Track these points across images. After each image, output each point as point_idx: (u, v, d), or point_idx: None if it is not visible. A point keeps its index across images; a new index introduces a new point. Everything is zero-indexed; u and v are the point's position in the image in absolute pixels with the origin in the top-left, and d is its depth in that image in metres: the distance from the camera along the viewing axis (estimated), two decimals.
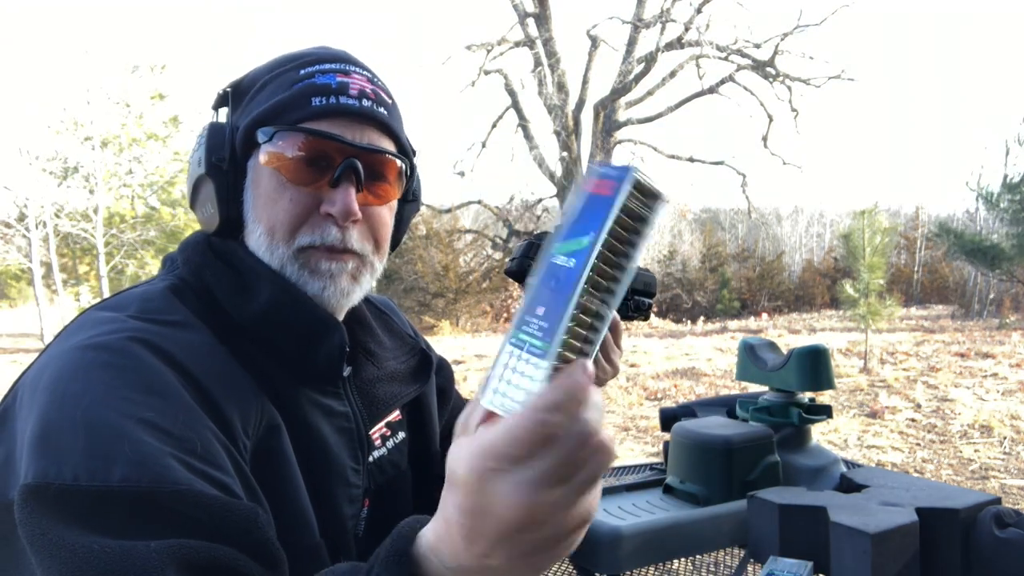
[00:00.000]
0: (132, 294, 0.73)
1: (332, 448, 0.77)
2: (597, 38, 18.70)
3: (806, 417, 1.22)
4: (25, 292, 27.00)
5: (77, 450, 0.57)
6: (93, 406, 0.59)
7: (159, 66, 16.55)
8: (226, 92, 0.80)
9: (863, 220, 8.28)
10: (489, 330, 16.25)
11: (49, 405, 0.60)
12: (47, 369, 0.64)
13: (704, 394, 7.52)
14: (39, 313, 15.35)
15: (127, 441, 0.58)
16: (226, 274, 0.74)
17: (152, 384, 0.62)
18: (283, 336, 0.74)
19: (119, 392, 0.60)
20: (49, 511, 0.55)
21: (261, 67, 0.80)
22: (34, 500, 0.55)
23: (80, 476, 0.56)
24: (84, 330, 0.67)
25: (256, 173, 0.76)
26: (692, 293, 21.07)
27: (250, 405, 0.68)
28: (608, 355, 0.82)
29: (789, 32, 17.89)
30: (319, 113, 0.73)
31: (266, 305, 0.73)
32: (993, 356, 9.13)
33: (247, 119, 0.76)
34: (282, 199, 0.74)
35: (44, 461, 0.57)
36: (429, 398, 0.96)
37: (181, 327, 0.69)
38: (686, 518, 1.07)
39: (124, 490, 0.56)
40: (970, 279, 18.71)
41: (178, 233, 17.01)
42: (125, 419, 0.59)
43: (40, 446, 0.58)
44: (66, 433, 0.58)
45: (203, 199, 0.77)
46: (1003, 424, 5.90)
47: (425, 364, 0.94)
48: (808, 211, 41.34)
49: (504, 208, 19.60)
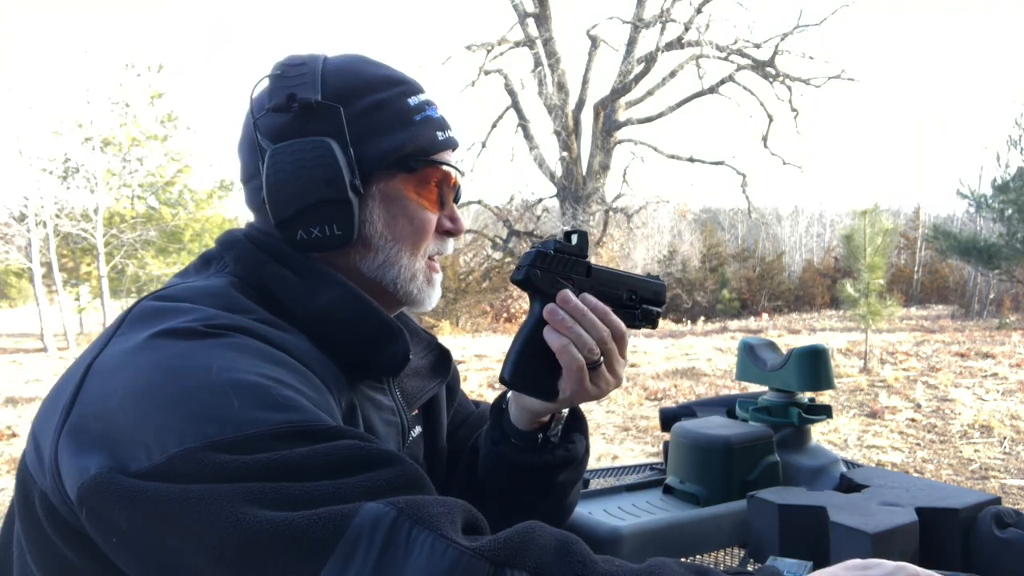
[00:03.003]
0: (191, 288, 0.74)
1: (385, 440, 0.81)
2: (597, 38, 18.71)
3: (806, 417, 1.22)
4: (25, 292, 27.01)
5: (229, 408, 0.58)
6: (225, 371, 0.60)
7: (156, 66, 16.54)
8: (315, 102, 0.77)
9: (863, 220, 8.28)
10: (489, 330, 16.25)
11: (173, 380, 0.60)
12: (139, 356, 0.63)
13: (704, 394, 7.52)
14: (39, 313, 15.34)
15: (270, 392, 0.60)
16: (287, 274, 0.77)
17: (269, 355, 0.65)
18: (346, 334, 0.76)
19: (243, 360, 0.62)
20: (225, 462, 0.55)
21: (341, 82, 0.79)
22: (206, 456, 0.55)
23: (242, 427, 0.57)
24: (156, 319, 0.66)
25: (389, 196, 0.81)
26: (692, 293, 21.08)
27: (340, 384, 0.74)
28: (612, 366, 0.82)
29: (789, 32, 17.91)
30: (444, 146, 0.84)
31: (330, 305, 0.76)
32: (993, 356, 9.12)
33: (373, 146, 0.79)
34: (422, 221, 0.83)
35: (199, 424, 0.57)
36: (441, 395, 0.99)
37: (264, 322, 0.71)
38: (686, 518, 1.07)
39: (289, 430, 0.58)
40: (970, 279, 18.71)
41: (178, 233, 17.01)
42: (261, 378, 0.61)
43: (184, 415, 0.57)
44: (209, 398, 0.58)
45: (326, 218, 0.77)
46: (1003, 424, 5.90)
47: (444, 359, 0.96)
48: (808, 211, 41.37)
49: (504, 208, 19.60)
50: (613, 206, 19.09)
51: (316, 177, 0.76)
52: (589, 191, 18.45)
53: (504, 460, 0.89)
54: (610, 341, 0.80)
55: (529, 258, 0.79)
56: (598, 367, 0.81)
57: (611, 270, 0.85)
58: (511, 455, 0.88)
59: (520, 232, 18.94)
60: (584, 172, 18.70)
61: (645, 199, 20.61)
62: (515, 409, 0.89)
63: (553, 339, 0.79)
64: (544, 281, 0.79)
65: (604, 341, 0.80)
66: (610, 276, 0.85)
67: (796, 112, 18.60)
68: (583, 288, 0.81)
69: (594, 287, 0.82)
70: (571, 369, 0.79)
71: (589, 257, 0.83)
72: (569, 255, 0.81)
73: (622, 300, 0.85)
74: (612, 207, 19.05)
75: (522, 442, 0.88)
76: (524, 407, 0.87)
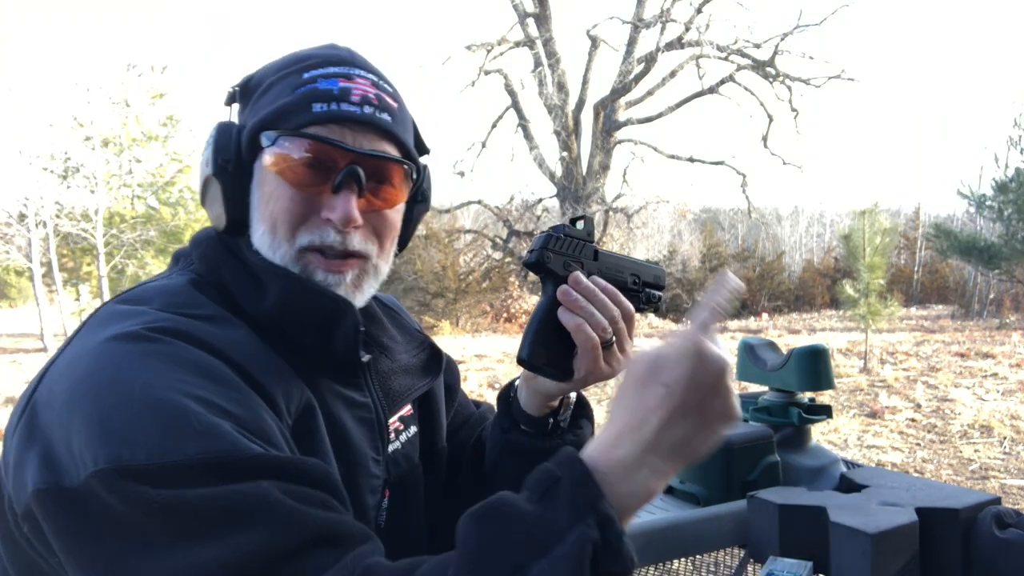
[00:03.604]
0: (152, 288, 0.74)
1: (354, 438, 0.79)
2: (597, 38, 18.70)
3: (806, 417, 1.22)
4: (25, 292, 27.01)
5: (145, 431, 0.57)
6: (149, 388, 0.60)
7: (160, 67, 16.54)
8: (235, 90, 0.81)
9: (863, 220, 8.27)
10: (489, 330, 16.23)
11: (99, 393, 0.60)
12: (81, 361, 0.64)
13: None
14: (39, 313, 15.34)
15: (192, 416, 0.59)
16: (240, 271, 0.76)
17: (199, 366, 0.64)
18: (299, 327, 0.75)
19: (171, 374, 0.61)
20: (132, 489, 0.56)
21: (269, 66, 0.81)
22: (116, 481, 0.56)
23: (154, 455, 0.57)
24: (112, 323, 0.67)
25: (261, 175, 0.76)
26: (692, 293, 21.06)
27: (290, 385, 0.71)
28: (623, 346, 0.83)
29: (789, 32, 17.91)
30: (321, 119, 0.74)
31: (279, 299, 0.74)
32: (993, 356, 9.12)
33: (253, 121, 0.77)
34: (283, 200, 0.75)
35: (112, 446, 0.57)
36: (438, 394, 0.98)
37: (211, 320, 0.70)
38: (686, 518, 1.07)
39: (202, 462, 0.57)
40: (970, 279, 18.70)
41: (178, 233, 16.98)
42: (184, 398, 0.60)
43: (102, 433, 0.58)
44: (128, 417, 0.58)
45: (211, 198, 0.78)
46: (1003, 424, 5.89)
47: (435, 358, 0.95)
48: (808, 211, 41.34)
49: (504, 208, 19.59)
50: (613, 206, 19.08)
51: (203, 158, 0.78)
52: (589, 191, 18.45)
53: (515, 448, 0.89)
54: (621, 321, 0.82)
55: (541, 241, 0.81)
56: (610, 346, 0.81)
57: (616, 255, 0.88)
58: (522, 441, 0.89)
59: (520, 232, 18.93)
60: (584, 172, 18.69)
61: (645, 199, 20.60)
62: (526, 394, 0.89)
63: (568, 319, 0.79)
64: (556, 263, 0.81)
65: (616, 320, 0.81)
66: (615, 260, 0.87)
67: (796, 112, 18.60)
68: (591, 271, 0.83)
69: (601, 271, 0.85)
70: (586, 348, 0.80)
71: (595, 242, 0.85)
72: (577, 239, 0.83)
73: (627, 284, 0.87)
74: (612, 207, 19.04)
75: (533, 428, 0.89)
76: (537, 390, 0.87)
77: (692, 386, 0.60)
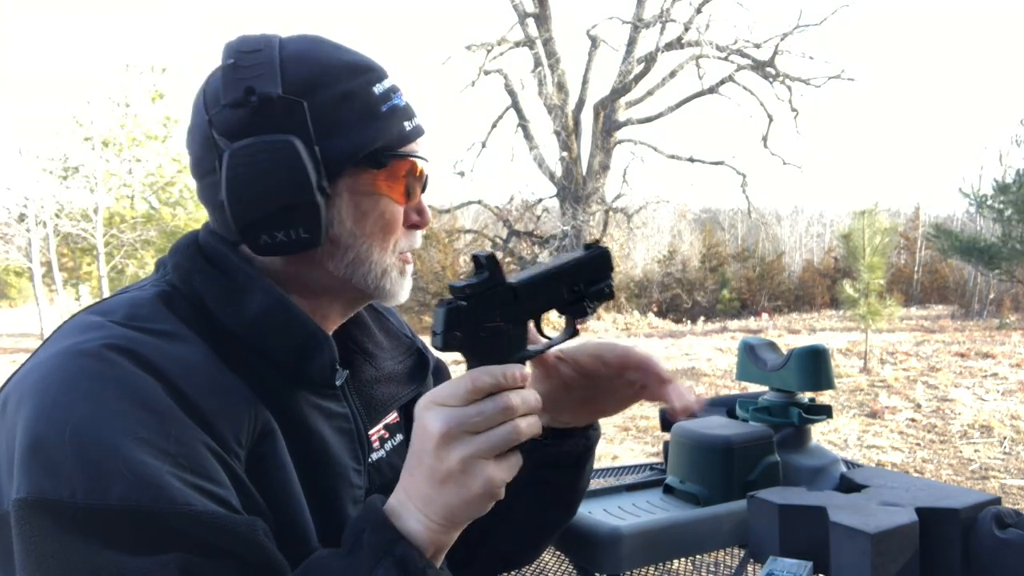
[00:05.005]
0: (122, 299, 0.73)
1: (333, 449, 0.77)
2: (597, 38, 18.70)
3: (806, 417, 1.22)
4: (25, 292, 27.01)
5: (72, 467, 0.57)
6: (84, 421, 0.59)
7: (159, 67, 16.55)
8: (271, 98, 0.71)
9: (863, 220, 8.28)
10: None
11: (38, 416, 0.59)
12: (33, 374, 0.64)
13: (704, 394, 7.52)
14: (39, 313, 15.35)
15: (122, 459, 0.58)
16: (217, 280, 0.74)
17: (141, 397, 0.62)
18: (275, 344, 0.73)
19: (109, 406, 0.60)
20: (47, 525, 0.56)
21: (304, 71, 0.73)
22: (31, 514, 0.56)
23: (77, 493, 0.56)
24: (72, 335, 0.66)
25: (358, 194, 0.76)
26: (692, 293, 21.06)
27: (242, 413, 0.68)
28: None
29: (789, 32, 17.90)
30: (413, 136, 0.80)
31: (257, 313, 0.72)
32: (993, 356, 9.13)
33: (340, 143, 0.73)
34: (389, 214, 0.79)
35: (37, 476, 0.57)
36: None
37: (168, 337, 0.68)
38: (686, 518, 1.07)
39: (123, 508, 0.56)
40: (970, 279, 18.70)
41: (178, 233, 16.99)
42: (118, 435, 0.59)
43: (32, 460, 0.58)
44: (58, 448, 0.58)
45: (291, 222, 0.72)
46: (1003, 424, 5.90)
47: (422, 364, 0.94)
48: (808, 211, 41.33)
49: (504, 208, 19.59)
50: (613, 206, 19.08)
51: (281, 180, 0.70)
52: (589, 191, 18.45)
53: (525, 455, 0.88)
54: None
55: (442, 322, 0.65)
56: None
57: (540, 274, 0.72)
58: (531, 449, 0.88)
59: (520, 232, 18.93)
60: (584, 172, 18.69)
61: (645, 199, 20.61)
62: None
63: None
64: (469, 340, 0.65)
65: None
66: (541, 281, 0.71)
67: (796, 112, 18.59)
68: (516, 315, 0.69)
69: (528, 305, 0.70)
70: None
71: (504, 277, 0.68)
72: (485, 290, 0.66)
73: (564, 298, 0.73)
74: (612, 207, 19.04)
75: (542, 434, 0.88)
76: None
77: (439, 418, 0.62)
